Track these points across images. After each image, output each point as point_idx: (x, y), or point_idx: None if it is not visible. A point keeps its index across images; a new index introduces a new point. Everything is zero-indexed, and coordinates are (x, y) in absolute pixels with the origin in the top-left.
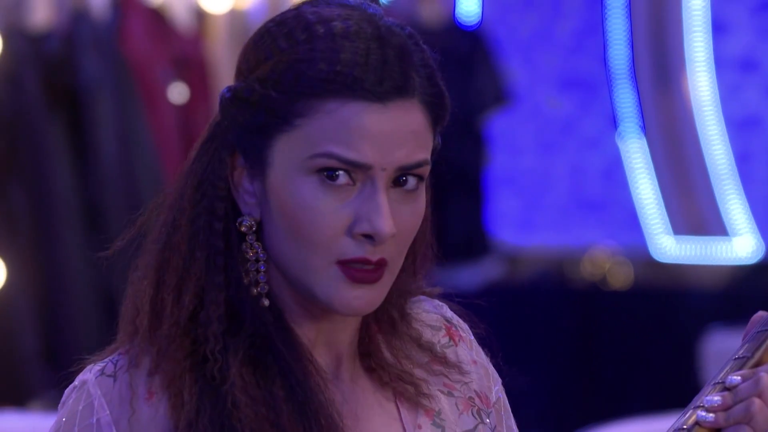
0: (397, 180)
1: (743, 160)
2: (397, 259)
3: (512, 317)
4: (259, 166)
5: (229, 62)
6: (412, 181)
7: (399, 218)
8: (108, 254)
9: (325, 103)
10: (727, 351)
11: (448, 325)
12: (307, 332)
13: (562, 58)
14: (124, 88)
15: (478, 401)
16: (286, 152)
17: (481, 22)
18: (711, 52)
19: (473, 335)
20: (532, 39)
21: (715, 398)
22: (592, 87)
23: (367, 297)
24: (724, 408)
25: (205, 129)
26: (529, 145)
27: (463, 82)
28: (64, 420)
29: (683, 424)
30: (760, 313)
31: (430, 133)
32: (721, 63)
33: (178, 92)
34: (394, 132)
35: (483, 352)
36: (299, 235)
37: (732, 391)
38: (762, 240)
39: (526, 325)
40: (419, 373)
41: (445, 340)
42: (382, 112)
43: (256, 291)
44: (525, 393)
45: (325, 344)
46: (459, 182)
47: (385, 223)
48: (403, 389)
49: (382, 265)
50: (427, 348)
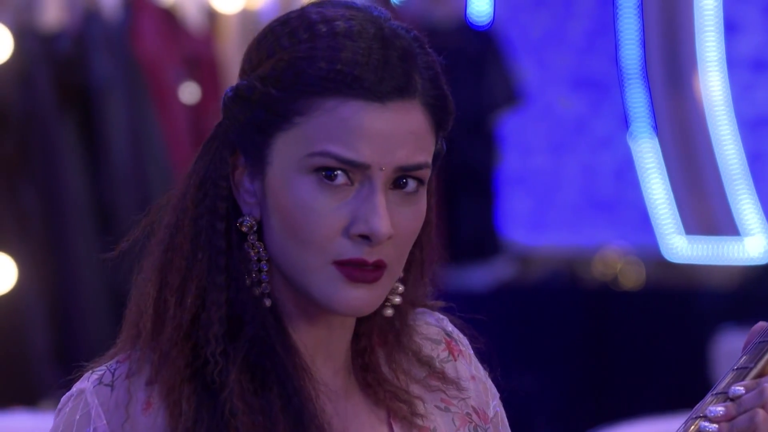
0: (397, 182)
1: (755, 160)
2: (396, 262)
3: (523, 317)
4: (259, 164)
5: (240, 62)
6: (412, 183)
7: (397, 220)
8: (115, 255)
9: (324, 101)
10: (738, 351)
11: (449, 339)
12: (305, 339)
13: (573, 58)
14: (135, 88)
15: (475, 417)
16: (285, 151)
17: (492, 22)
18: (723, 51)
19: (473, 349)
20: (543, 39)
21: (719, 408)
22: (603, 87)
23: (366, 297)
24: (728, 418)
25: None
26: (541, 145)
27: (474, 82)
28: (60, 429)
29: None
30: (761, 324)
31: (431, 137)
32: (733, 63)
33: (189, 92)
34: (393, 132)
35: (482, 367)
36: (296, 235)
37: (735, 401)
38: None
39: (537, 325)
40: (416, 389)
41: (444, 355)
42: (382, 112)
43: (258, 291)
44: (536, 393)
45: (323, 354)
46: (470, 182)
47: (382, 224)
48: (398, 408)
49: (380, 266)
50: (426, 363)
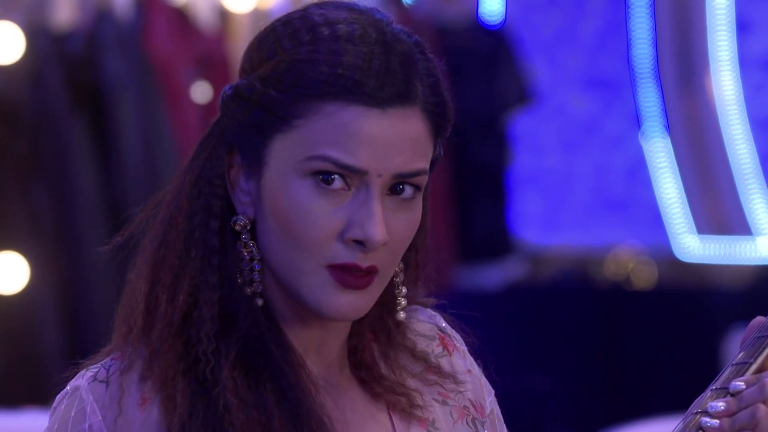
0: (394, 188)
1: (767, 159)
2: (388, 267)
3: (535, 317)
4: (255, 165)
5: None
6: (408, 189)
7: (393, 226)
8: (107, 250)
9: (324, 105)
10: None
11: (442, 335)
12: (298, 336)
13: (585, 58)
14: (147, 88)
15: (473, 410)
16: (283, 153)
17: (504, 22)
18: (735, 51)
19: (466, 346)
20: (555, 38)
21: (719, 404)
22: (615, 86)
23: (356, 302)
24: (729, 414)
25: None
26: (553, 145)
27: (486, 81)
28: (56, 427)
29: (686, 431)
30: (758, 319)
31: (430, 143)
32: (745, 62)
33: (201, 92)
34: (392, 138)
35: (476, 363)
36: (291, 237)
37: (736, 396)
38: None
39: (548, 325)
40: (413, 383)
41: (439, 350)
42: (381, 118)
43: (250, 290)
44: (548, 393)
45: (316, 351)
46: (482, 182)
47: (377, 230)
48: (396, 400)
49: (372, 272)
50: (422, 358)
